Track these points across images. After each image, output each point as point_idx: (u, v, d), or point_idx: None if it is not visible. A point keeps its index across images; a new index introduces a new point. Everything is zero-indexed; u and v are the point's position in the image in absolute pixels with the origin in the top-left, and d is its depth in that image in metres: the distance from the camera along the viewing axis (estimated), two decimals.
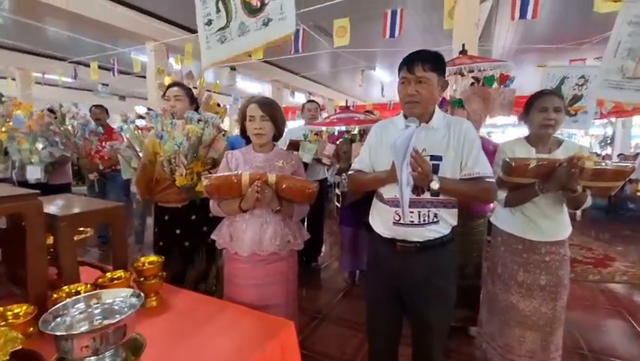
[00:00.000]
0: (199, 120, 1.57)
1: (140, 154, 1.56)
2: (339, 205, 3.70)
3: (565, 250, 1.63)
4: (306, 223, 3.21)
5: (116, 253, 1.41)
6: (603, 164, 1.41)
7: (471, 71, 1.91)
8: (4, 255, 1.49)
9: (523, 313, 1.65)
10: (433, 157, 1.21)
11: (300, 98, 8.62)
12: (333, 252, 3.93)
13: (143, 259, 1.37)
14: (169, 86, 1.97)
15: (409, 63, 1.19)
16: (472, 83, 1.89)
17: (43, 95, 6.70)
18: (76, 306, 0.82)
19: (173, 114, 1.57)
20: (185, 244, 1.86)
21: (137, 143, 1.60)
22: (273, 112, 1.48)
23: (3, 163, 3.61)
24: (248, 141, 1.58)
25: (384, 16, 3.11)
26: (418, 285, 1.28)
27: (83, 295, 0.84)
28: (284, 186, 1.35)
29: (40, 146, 3.14)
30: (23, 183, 3.15)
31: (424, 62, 1.18)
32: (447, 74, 1.95)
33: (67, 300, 0.80)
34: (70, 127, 3.25)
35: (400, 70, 1.24)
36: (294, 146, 2.66)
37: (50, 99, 3.26)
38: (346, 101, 2.85)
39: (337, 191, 4.52)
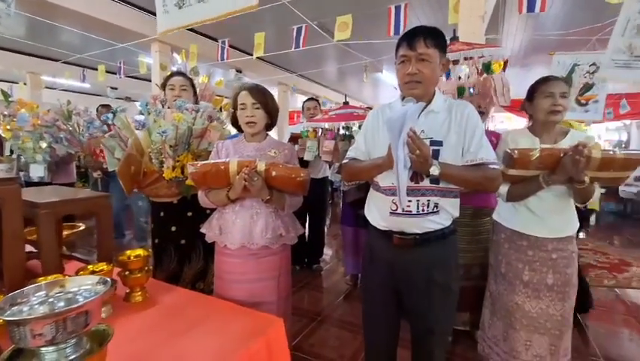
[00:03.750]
0: (191, 110, 1.52)
1: (129, 143, 1.51)
2: None
3: (573, 247, 1.53)
4: (307, 224, 3.17)
5: (100, 244, 1.37)
6: (611, 152, 1.32)
7: (470, 58, 1.83)
8: None
9: (529, 315, 1.54)
10: (433, 142, 1.12)
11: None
12: (337, 254, 3.86)
13: (128, 252, 1.32)
14: (171, 75, 1.88)
15: (410, 38, 1.10)
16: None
17: (53, 99, 6.87)
18: (37, 294, 0.76)
19: (162, 102, 1.52)
20: (182, 241, 1.81)
21: (129, 132, 1.55)
22: (264, 99, 1.42)
23: (8, 162, 3.67)
24: (240, 131, 1.53)
25: (389, 12, 3.05)
26: (417, 281, 1.18)
27: (44, 282, 0.78)
28: (274, 174, 1.28)
29: (44, 144, 3.17)
30: (30, 183, 3.18)
31: (427, 37, 1.09)
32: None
33: (27, 287, 0.75)
34: (75, 124, 3.26)
35: (398, 47, 1.15)
36: (294, 140, 2.60)
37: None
38: (345, 97, 2.79)
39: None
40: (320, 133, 2.61)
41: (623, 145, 11.22)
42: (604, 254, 3.99)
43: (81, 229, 1.80)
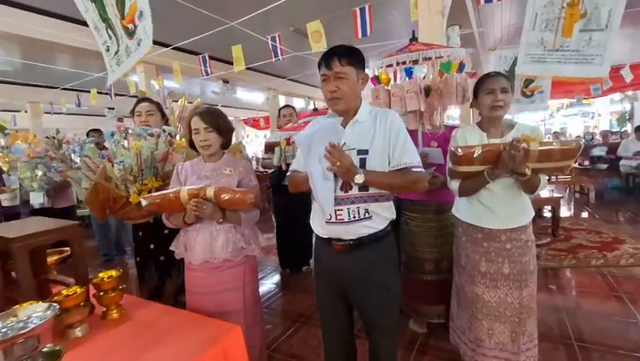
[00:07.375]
0: (151, 135, 1.62)
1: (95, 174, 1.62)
2: None
3: (527, 236, 1.58)
4: (293, 229, 3.24)
5: (76, 269, 1.48)
6: (549, 144, 1.36)
7: (428, 58, 1.88)
8: None
9: (489, 305, 1.60)
10: (359, 151, 1.20)
11: (298, 104, 8.65)
12: None
13: (101, 274, 1.43)
14: (138, 101, 2.00)
15: (327, 59, 1.20)
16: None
17: (53, 124, 7.13)
18: None
19: (125, 132, 1.63)
20: (161, 258, 1.91)
21: (99, 161, 1.66)
22: (216, 122, 1.50)
23: (11, 193, 3.86)
24: (198, 153, 1.62)
25: (354, 15, 3.11)
26: (356, 282, 1.28)
27: None
28: (222, 198, 1.38)
29: (39, 173, 3.33)
30: (34, 211, 3.37)
31: (341, 57, 1.18)
32: (405, 61, 1.94)
33: None
34: (66, 152, 3.42)
35: (319, 67, 1.24)
36: (269, 148, 2.67)
37: (60, 128, 3.48)
38: (314, 103, 2.86)
39: None
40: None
41: (627, 117, 11.01)
42: (597, 233, 3.98)
43: (67, 253, 1.93)
